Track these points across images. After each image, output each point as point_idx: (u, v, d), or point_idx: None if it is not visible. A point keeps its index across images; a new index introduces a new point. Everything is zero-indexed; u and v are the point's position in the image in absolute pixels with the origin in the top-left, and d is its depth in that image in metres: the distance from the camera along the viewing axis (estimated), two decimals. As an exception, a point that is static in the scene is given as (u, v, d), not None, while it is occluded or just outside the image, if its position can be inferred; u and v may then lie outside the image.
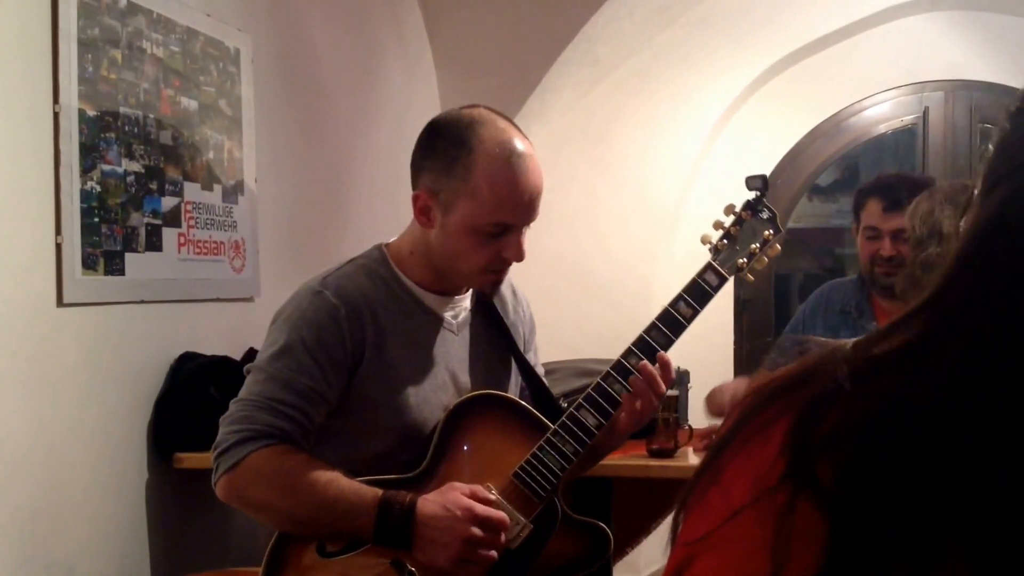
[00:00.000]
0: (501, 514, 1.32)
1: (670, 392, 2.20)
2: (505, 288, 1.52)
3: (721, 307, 4.11)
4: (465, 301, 1.46)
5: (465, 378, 1.44)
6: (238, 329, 2.27)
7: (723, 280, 1.41)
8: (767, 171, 4.29)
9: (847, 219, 2.72)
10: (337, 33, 2.81)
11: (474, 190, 1.31)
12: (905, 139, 4.24)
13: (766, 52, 4.03)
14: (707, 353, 3.13)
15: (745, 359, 4.09)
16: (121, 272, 1.89)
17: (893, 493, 0.48)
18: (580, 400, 1.37)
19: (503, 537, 1.32)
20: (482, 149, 1.31)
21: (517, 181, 1.32)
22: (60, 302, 1.75)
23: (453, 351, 1.43)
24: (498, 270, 1.38)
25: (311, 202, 2.69)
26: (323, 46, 2.73)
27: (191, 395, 2.02)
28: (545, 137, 3.77)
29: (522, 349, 1.51)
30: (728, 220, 1.45)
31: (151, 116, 1.99)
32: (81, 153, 1.79)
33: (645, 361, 1.37)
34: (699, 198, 4.39)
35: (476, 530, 1.28)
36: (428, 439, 1.38)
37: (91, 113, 1.82)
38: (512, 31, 3.11)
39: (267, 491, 1.30)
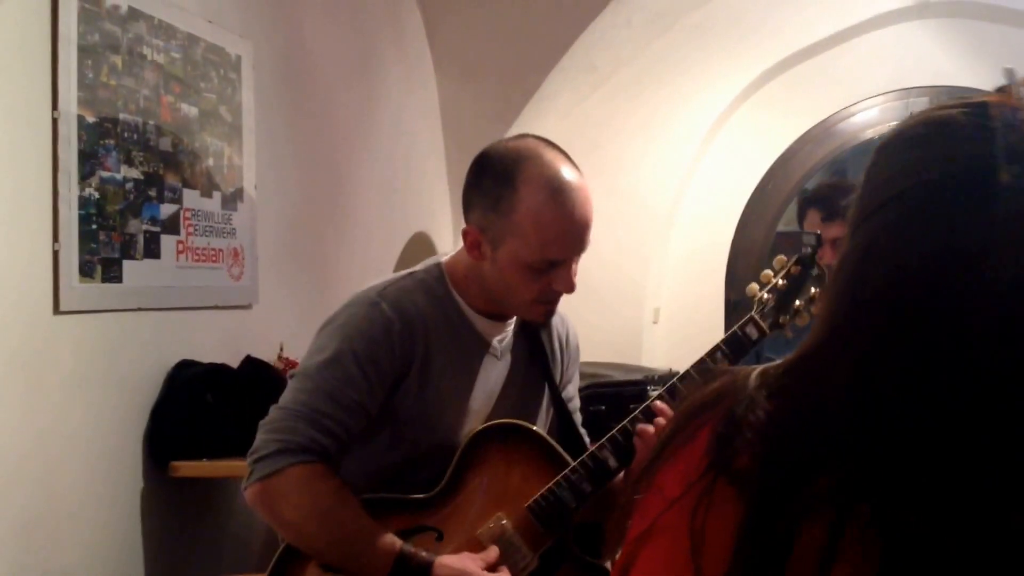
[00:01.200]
0: None
1: (661, 403, 2.20)
2: (555, 318, 1.51)
3: (711, 309, 4.13)
4: (511, 326, 1.45)
5: (498, 403, 1.43)
6: (236, 337, 2.27)
7: (763, 335, 1.40)
8: (759, 175, 4.33)
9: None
10: (337, 40, 2.81)
11: (520, 229, 1.29)
12: (894, 146, 4.28)
13: (758, 59, 4.07)
14: (698, 355, 3.14)
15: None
16: (119, 280, 1.88)
17: (798, 468, 0.56)
18: (604, 441, 1.37)
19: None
20: (527, 188, 1.28)
21: (563, 218, 1.29)
22: (57, 309, 1.74)
23: (493, 376, 1.43)
24: (549, 300, 1.37)
25: (311, 210, 2.68)
26: (324, 53, 2.72)
27: (188, 403, 2.01)
28: (541, 142, 3.78)
29: (559, 379, 1.51)
30: (778, 273, 1.43)
31: (151, 123, 1.98)
32: (80, 159, 1.78)
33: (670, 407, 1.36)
34: (693, 203, 4.42)
35: None
36: (448, 461, 1.38)
37: (90, 119, 1.80)
38: (510, 38, 3.12)
39: (295, 511, 1.30)
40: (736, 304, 4.24)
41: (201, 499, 2.17)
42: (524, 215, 1.28)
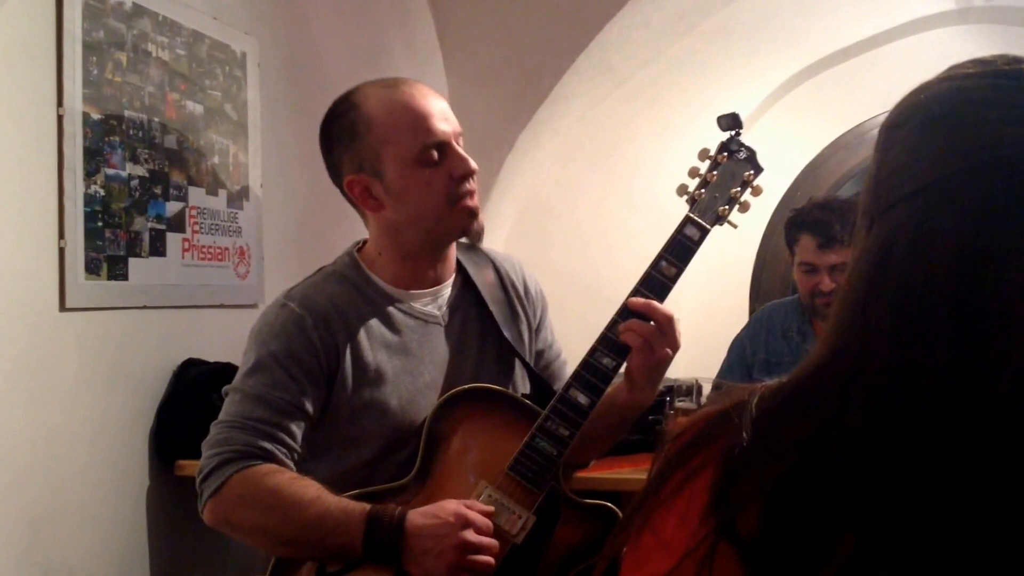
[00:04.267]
0: (488, 523, 1.27)
1: (685, 403, 2.13)
2: (506, 268, 1.49)
3: (736, 322, 4.06)
4: (445, 293, 1.43)
5: (453, 372, 1.40)
6: (242, 336, 2.23)
7: (705, 231, 1.34)
8: (787, 183, 4.25)
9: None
10: (346, 37, 2.81)
11: (386, 132, 1.32)
12: (927, 151, 4.20)
13: (786, 63, 4.00)
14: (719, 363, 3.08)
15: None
16: (124, 277, 1.88)
17: (808, 544, 0.51)
18: (569, 380, 1.33)
19: (497, 544, 1.28)
20: (366, 101, 1.35)
21: (412, 98, 1.34)
22: (63, 307, 1.74)
23: (439, 347, 1.40)
24: (461, 195, 1.35)
25: (317, 208, 2.67)
26: (331, 50, 2.72)
27: (194, 402, 1.99)
28: (556, 146, 3.75)
29: (526, 328, 1.47)
30: (704, 166, 1.37)
31: (156, 120, 1.98)
32: (85, 157, 1.78)
33: (635, 298, 1.31)
34: (715, 210, 4.35)
35: (469, 535, 1.23)
36: (416, 443, 1.34)
37: (95, 116, 1.81)
38: (524, 39, 3.09)
39: (252, 513, 1.27)
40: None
41: (207, 499, 2.16)
42: (379, 117, 1.33)
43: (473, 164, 1.35)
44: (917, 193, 0.53)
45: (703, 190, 1.36)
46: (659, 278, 1.33)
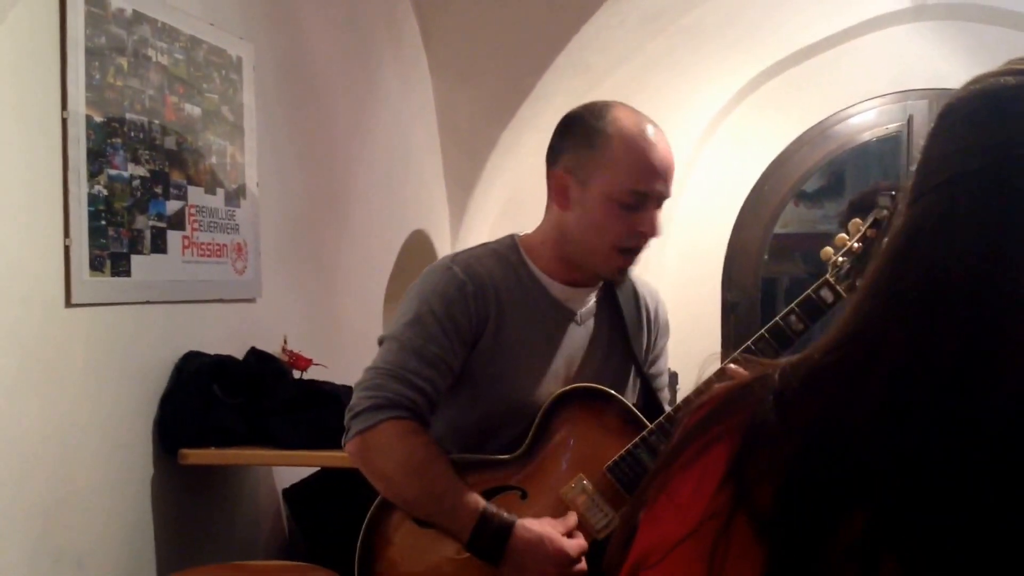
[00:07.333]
0: (584, 567, 1.35)
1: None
2: (645, 291, 1.56)
3: (708, 311, 4.17)
4: (592, 295, 1.50)
5: (580, 368, 1.48)
6: (240, 329, 2.31)
7: (839, 298, 1.39)
8: (756, 176, 4.36)
9: (832, 224, 2.75)
10: (336, 41, 2.86)
11: (613, 159, 1.37)
12: (890, 146, 4.31)
13: (754, 60, 4.09)
14: (695, 356, 3.18)
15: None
16: (127, 274, 1.93)
17: (822, 515, 0.52)
18: (680, 403, 1.40)
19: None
20: (617, 124, 1.38)
21: (652, 150, 1.38)
22: (68, 303, 1.79)
23: (573, 341, 1.47)
24: (631, 249, 1.42)
25: (311, 207, 2.73)
26: (322, 54, 2.77)
27: (195, 393, 2.05)
28: (537, 144, 3.79)
29: (644, 350, 1.54)
30: (853, 236, 1.43)
31: (156, 122, 2.03)
32: (88, 158, 1.83)
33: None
34: (689, 205, 4.45)
35: (568, 571, 1.33)
36: (531, 422, 1.43)
37: (98, 119, 1.85)
38: (505, 39, 3.16)
39: (389, 464, 1.37)
40: (733, 306, 4.27)
41: (209, 486, 2.21)
42: (618, 146, 1.37)
43: (660, 231, 1.40)
44: (944, 184, 0.56)
45: (845, 259, 1.42)
46: (784, 330, 1.40)
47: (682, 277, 4.44)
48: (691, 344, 2.83)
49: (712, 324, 4.17)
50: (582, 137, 1.40)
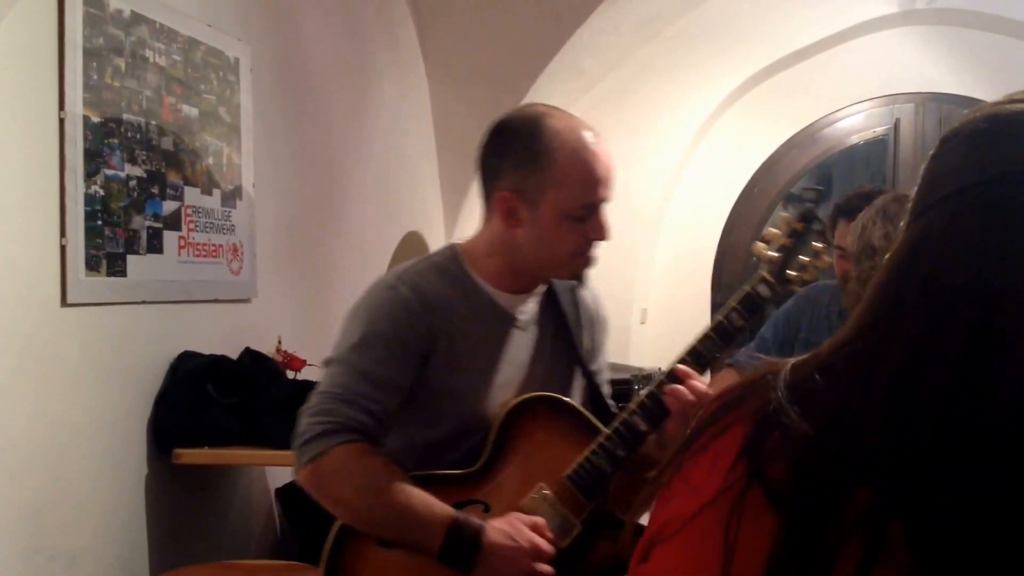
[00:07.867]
0: (552, 551, 1.36)
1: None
2: (587, 294, 1.56)
3: (698, 312, 4.20)
4: (533, 299, 1.49)
5: (528, 374, 1.48)
6: (235, 329, 2.32)
7: (775, 292, 1.40)
8: (745, 179, 4.40)
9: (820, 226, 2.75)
10: (333, 44, 2.87)
11: (561, 177, 1.35)
12: (877, 150, 4.35)
13: (745, 65, 4.13)
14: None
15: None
16: (123, 273, 1.93)
17: (833, 485, 0.56)
18: (634, 407, 1.40)
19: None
20: (559, 138, 1.35)
21: (597, 160, 1.37)
22: (64, 302, 1.79)
23: (521, 348, 1.48)
24: (587, 253, 1.41)
25: (307, 208, 2.74)
26: (319, 57, 2.78)
27: (190, 393, 2.06)
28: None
29: (586, 347, 1.55)
30: (783, 231, 1.45)
31: (153, 123, 2.03)
32: (85, 158, 1.83)
33: (696, 381, 1.39)
34: (680, 207, 4.49)
35: (540, 567, 1.33)
36: (487, 434, 1.42)
37: (95, 119, 1.86)
38: (500, 44, 3.18)
39: (344, 488, 1.34)
40: (722, 306, 4.30)
41: (203, 485, 2.22)
42: (563, 162, 1.34)
43: (610, 231, 1.40)
44: (946, 198, 0.58)
45: (778, 255, 1.44)
46: (728, 328, 1.42)
47: (673, 277, 4.47)
48: (680, 343, 2.85)
49: (702, 324, 4.18)
50: (523, 155, 1.36)
